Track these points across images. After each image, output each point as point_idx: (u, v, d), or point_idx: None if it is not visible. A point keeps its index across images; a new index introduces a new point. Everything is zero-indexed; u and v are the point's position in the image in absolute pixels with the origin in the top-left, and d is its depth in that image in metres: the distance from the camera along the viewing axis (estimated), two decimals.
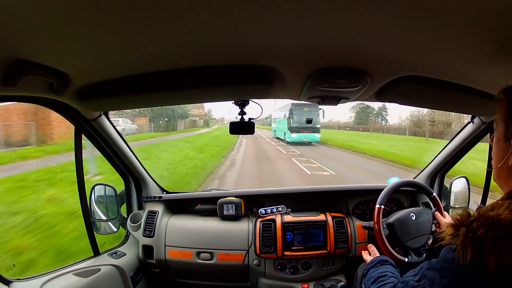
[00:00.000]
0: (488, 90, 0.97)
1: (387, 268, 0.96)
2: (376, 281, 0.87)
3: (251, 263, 1.51)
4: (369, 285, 0.89)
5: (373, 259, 1.06)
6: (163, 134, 15.48)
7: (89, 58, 0.75)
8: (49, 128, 7.69)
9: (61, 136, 7.61)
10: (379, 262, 1.01)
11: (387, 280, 0.84)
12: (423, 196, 1.68)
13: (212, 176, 7.23)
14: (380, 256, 1.10)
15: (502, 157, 0.63)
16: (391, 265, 0.99)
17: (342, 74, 0.87)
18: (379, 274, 0.90)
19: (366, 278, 0.97)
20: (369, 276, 0.94)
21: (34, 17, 0.52)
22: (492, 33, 0.60)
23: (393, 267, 0.98)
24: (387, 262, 1.01)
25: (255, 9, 0.54)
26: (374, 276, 0.90)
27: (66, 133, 7.49)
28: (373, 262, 1.03)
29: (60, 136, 7.66)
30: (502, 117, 0.63)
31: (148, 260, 1.56)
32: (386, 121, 34.23)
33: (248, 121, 1.20)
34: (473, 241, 0.54)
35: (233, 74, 0.88)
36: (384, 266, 0.98)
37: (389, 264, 1.00)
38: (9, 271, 2.13)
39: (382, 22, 0.58)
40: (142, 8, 0.52)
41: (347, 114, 46.04)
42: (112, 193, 1.58)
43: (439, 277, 0.59)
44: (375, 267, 0.99)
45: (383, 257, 1.06)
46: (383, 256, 1.08)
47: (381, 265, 0.99)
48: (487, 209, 0.57)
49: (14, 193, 4.16)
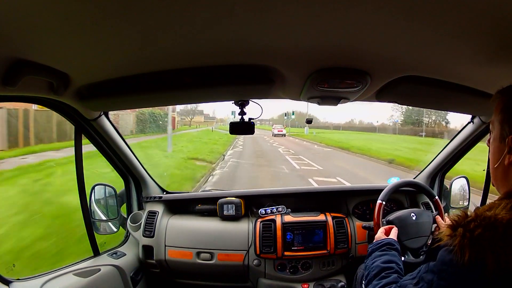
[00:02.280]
0: (488, 90, 0.97)
1: (393, 257, 0.91)
2: (379, 275, 0.84)
3: (251, 263, 1.51)
4: (371, 276, 0.86)
5: (380, 240, 1.01)
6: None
7: (89, 58, 0.75)
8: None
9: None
10: (385, 245, 0.97)
11: (389, 279, 0.81)
12: (423, 197, 1.68)
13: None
14: (388, 238, 1.04)
15: (499, 158, 0.63)
16: (397, 252, 0.95)
17: (342, 74, 0.87)
18: (384, 264, 0.87)
19: (369, 261, 0.93)
20: (372, 262, 0.90)
21: (34, 17, 0.52)
22: (492, 33, 0.60)
23: (399, 254, 0.95)
24: (393, 247, 0.97)
25: (255, 9, 0.54)
26: (379, 266, 0.86)
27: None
28: (378, 244, 0.99)
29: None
30: (497, 118, 0.64)
31: (148, 260, 1.56)
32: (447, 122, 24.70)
33: (248, 121, 1.20)
34: (471, 242, 0.54)
35: (233, 74, 0.88)
36: (390, 252, 0.94)
37: (395, 250, 0.96)
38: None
39: (382, 22, 0.58)
40: (142, 8, 0.52)
41: (385, 112, 38.04)
42: (112, 193, 1.58)
43: (437, 279, 0.59)
44: (381, 250, 0.95)
45: (391, 240, 1.01)
46: (391, 239, 1.02)
47: (387, 249, 0.95)
48: (484, 209, 0.57)
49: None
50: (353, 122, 31.98)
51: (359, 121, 32.55)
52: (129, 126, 14.54)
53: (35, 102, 0.99)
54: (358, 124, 31.67)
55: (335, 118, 54.14)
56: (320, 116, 43.10)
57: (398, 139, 20.10)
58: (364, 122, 31.42)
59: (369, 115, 62.19)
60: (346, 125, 30.87)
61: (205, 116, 43.81)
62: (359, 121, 32.55)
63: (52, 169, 5.85)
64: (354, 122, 32.07)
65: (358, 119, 33.02)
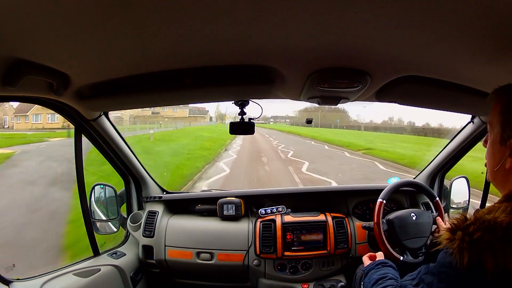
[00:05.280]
0: (488, 90, 0.97)
1: (388, 270, 0.95)
2: (376, 283, 0.86)
3: (251, 263, 1.51)
4: (369, 287, 0.88)
5: (374, 261, 1.04)
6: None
7: (89, 58, 0.75)
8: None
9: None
10: (380, 264, 1.00)
11: (386, 282, 0.83)
12: (423, 197, 1.68)
13: None
14: (380, 260, 1.08)
15: (499, 161, 0.62)
16: (392, 267, 0.98)
17: (342, 74, 0.87)
18: (379, 275, 0.90)
19: (366, 279, 0.96)
20: (369, 278, 0.94)
21: (34, 17, 0.52)
22: (492, 33, 0.60)
23: (394, 269, 0.97)
24: (387, 264, 1.00)
25: (255, 9, 0.54)
26: (375, 278, 0.89)
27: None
28: (373, 264, 1.02)
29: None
30: (497, 119, 0.62)
31: (148, 260, 1.56)
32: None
33: (248, 121, 1.21)
34: (470, 245, 0.54)
35: (233, 74, 0.88)
36: (384, 268, 0.97)
37: (389, 266, 0.99)
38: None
39: (382, 22, 0.58)
40: (142, 8, 0.52)
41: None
42: (112, 193, 1.58)
43: (436, 281, 0.59)
44: (376, 269, 0.98)
45: (383, 260, 1.05)
46: (384, 259, 1.07)
47: (382, 267, 0.98)
48: (484, 212, 0.57)
49: None
50: (388, 121, 27.13)
51: (398, 119, 27.75)
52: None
53: (35, 102, 0.99)
54: (395, 123, 25.89)
55: (372, 116, 48.33)
56: (353, 114, 37.88)
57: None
58: (405, 121, 26.81)
59: (415, 114, 48.98)
60: (381, 125, 25.50)
61: (191, 110, 32.22)
62: (398, 119, 27.75)
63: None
64: (388, 122, 27.00)
65: (398, 117, 28.11)
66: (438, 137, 16.33)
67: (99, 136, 1.32)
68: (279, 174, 8.11)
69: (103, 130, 1.30)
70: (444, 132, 17.50)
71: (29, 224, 3.98)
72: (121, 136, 1.41)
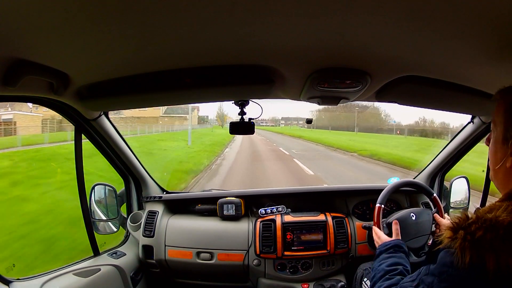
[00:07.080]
0: (488, 90, 0.97)
1: (399, 259, 0.92)
2: (383, 277, 0.85)
3: (251, 263, 1.51)
4: (377, 278, 0.87)
5: (388, 242, 1.01)
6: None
7: (89, 58, 0.75)
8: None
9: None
10: (393, 247, 0.97)
11: (391, 281, 0.82)
12: (423, 197, 1.68)
13: None
14: (395, 240, 1.03)
15: (500, 159, 0.63)
16: (404, 254, 0.96)
17: (342, 74, 0.87)
18: (389, 267, 0.88)
19: (376, 263, 0.94)
20: (379, 264, 0.91)
21: (34, 17, 0.52)
22: (492, 33, 0.60)
23: (406, 256, 0.95)
24: (401, 249, 0.97)
25: (255, 9, 0.54)
26: (384, 270, 0.87)
27: None
28: (386, 246, 0.99)
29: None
30: (500, 119, 0.63)
31: (148, 260, 1.56)
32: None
33: (248, 121, 1.20)
34: (472, 244, 0.54)
35: (233, 74, 0.88)
36: (397, 254, 0.95)
37: (402, 252, 0.96)
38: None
39: (382, 22, 0.58)
40: (142, 8, 0.52)
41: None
42: (112, 193, 1.58)
43: (437, 282, 0.59)
44: (388, 253, 0.96)
45: (399, 242, 1.01)
46: (399, 241, 1.02)
47: (394, 252, 0.96)
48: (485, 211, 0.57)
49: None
50: (420, 123, 24.05)
51: (430, 121, 24.39)
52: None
53: (35, 102, 0.99)
54: (426, 125, 22.82)
55: (402, 117, 43.72)
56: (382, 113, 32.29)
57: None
58: (436, 122, 23.35)
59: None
60: (411, 126, 21.75)
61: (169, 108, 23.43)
62: (430, 121, 24.39)
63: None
64: (420, 123, 24.03)
65: (430, 119, 24.60)
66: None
67: (99, 136, 1.32)
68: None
69: (103, 130, 1.30)
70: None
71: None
72: (121, 136, 1.41)
